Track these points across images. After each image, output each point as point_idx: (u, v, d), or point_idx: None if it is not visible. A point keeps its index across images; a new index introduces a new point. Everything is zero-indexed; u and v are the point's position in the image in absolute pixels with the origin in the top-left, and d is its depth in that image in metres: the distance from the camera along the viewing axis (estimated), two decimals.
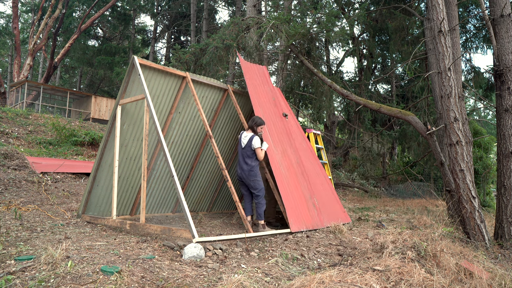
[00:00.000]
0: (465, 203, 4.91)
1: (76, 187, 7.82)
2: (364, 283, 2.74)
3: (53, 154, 11.29)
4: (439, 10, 5.17)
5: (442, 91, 5.10)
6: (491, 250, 4.59)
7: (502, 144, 5.25)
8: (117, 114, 5.11)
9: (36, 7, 26.96)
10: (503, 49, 5.34)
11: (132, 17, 27.49)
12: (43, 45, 22.84)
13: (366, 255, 3.71)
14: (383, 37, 15.16)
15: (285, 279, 3.16)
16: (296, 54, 9.74)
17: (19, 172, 7.48)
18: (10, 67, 31.40)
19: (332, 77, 11.60)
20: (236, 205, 4.89)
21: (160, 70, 5.27)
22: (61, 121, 14.85)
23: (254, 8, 13.13)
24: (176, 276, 2.95)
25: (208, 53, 9.49)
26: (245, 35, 10.17)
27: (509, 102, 5.23)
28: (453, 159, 4.99)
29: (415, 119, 5.84)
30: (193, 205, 7.16)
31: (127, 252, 3.49)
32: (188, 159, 6.48)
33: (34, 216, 5.19)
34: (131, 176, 5.72)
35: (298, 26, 9.19)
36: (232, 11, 25.27)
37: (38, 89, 21.25)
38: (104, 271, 2.75)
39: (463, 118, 5.41)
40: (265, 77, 6.94)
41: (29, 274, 2.68)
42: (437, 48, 5.16)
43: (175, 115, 5.86)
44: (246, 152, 5.15)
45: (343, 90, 7.75)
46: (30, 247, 3.48)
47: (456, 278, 3.21)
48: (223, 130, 6.77)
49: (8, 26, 31.24)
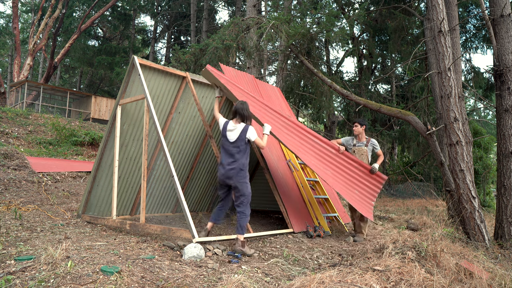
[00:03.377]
0: (465, 203, 4.91)
1: (76, 187, 7.82)
2: (364, 283, 2.74)
3: (53, 154, 11.28)
4: (439, 10, 5.17)
5: (442, 91, 5.10)
6: (491, 250, 4.59)
7: (502, 144, 5.25)
8: (117, 114, 5.11)
9: (36, 7, 26.96)
10: (503, 49, 5.34)
11: (132, 17, 27.50)
12: (43, 45, 22.84)
13: (366, 255, 3.71)
14: (383, 37, 15.16)
15: (285, 279, 3.16)
16: (296, 54, 9.74)
17: (19, 172, 7.48)
18: (10, 67, 31.41)
19: (332, 77, 11.60)
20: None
21: (160, 70, 5.27)
22: (61, 121, 14.85)
23: (254, 8, 13.12)
24: (176, 276, 2.95)
25: (208, 53, 9.48)
26: (245, 35, 10.17)
27: (509, 102, 5.23)
28: (453, 159, 4.99)
29: (415, 119, 5.84)
30: (193, 205, 7.16)
31: (127, 252, 3.49)
32: (188, 159, 6.48)
33: (34, 216, 5.19)
34: (131, 176, 5.72)
35: (298, 26, 9.19)
36: (232, 11, 25.27)
37: (38, 89, 21.25)
38: (104, 271, 2.75)
39: (463, 118, 5.41)
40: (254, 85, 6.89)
41: (29, 274, 2.68)
42: (437, 48, 5.16)
43: (175, 115, 5.86)
44: (237, 146, 4.11)
45: (343, 90, 7.75)
46: (30, 247, 3.48)
47: (456, 278, 3.21)
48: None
49: (8, 26, 31.25)
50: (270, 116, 5.16)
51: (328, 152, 5.23)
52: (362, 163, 5.23)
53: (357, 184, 5.14)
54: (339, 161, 5.22)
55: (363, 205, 4.93)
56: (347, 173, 5.17)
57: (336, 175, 5.09)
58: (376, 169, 5.19)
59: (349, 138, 5.70)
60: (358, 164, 5.22)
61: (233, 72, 6.60)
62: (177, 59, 10.21)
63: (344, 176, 5.14)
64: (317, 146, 5.23)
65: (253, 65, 12.28)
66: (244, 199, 4.06)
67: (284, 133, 5.09)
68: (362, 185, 5.16)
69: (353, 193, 5.01)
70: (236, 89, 5.15)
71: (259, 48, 11.28)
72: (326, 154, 5.22)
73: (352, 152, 5.55)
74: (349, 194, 4.94)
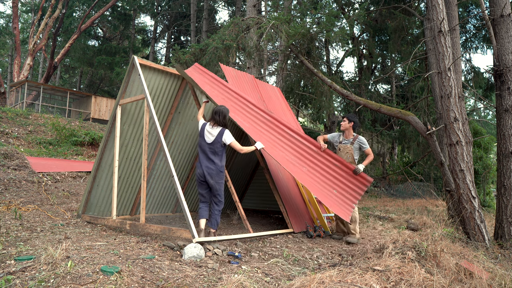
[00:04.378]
0: (465, 203, 4.91)
1: (76, 187, 7.82)
2: (364, 283, 2.74)
3: (53, 154, 11.28)
4: (439, 10, 5.17)
5: (442, 91, 5.10)
6: (491, 250, 4.59)
7: (502, 144, 5.25)
8: (117, 114, 5.11)
9: (36, 7, 26.96)
10: (503, 49, 5.34)
11: (132, 17, 27.50)
12: (43, 45, 22.84)
13: (366, 255, 3.71)
14: (382, 37, 15.16)
15: (285, 279, 3.16)
16: (296, 54, 9.74)
17: (19, 172, 7.48)
18: (10, 67, 31.40)
19: (332, 77, 11.60)
20: (236, 205, 4.89)
21: (160, 70, 5.28)
22: (61, 121, 14.85)
23: (254, 8, 13.13)
24: (176, 276, 2.95)
25: (208, 53, 9.48)
26: (245, 35, 10.17)
27: (509, 102, 5.23)
28: (453, 159, 4.99)
29: (415, 119, 5.84)
30: (193, 205, 7.16)
31: (127, 252, 3.49)
32: (188, 159, 6.48)
33: (34, 216, 5.19)
34: (131, 176, 5.72)
35: (298, 26, 9.18)
36: (232, 11, 25.27)
37: (38, 89, 21.25)
38: (104, 271, 2.75)
39: (463, 118, 5.41)
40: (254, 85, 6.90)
41: (29, 274, 2.68)
42: (437, 48, 5.16)
43: (175, 115, 5.86)
44: (213, 148, 4.41)
45: (343, 90, 7.75)
46: (30, 247, 3.48)
47: (456, 278, 3.21)
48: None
49: (8, 26, 31.24)
50: (248, 115, 5.30)
51: (308, 149, 5.16)
52: (346, 163, 5.06)
53: (337, 184, 4.98)
54: (320, 159, 5.11)
55: (340, 205, 4.79)
56: (327, 172, 5.04)
57: (313, 172, 5.00)
58: (360, 170, 5.00)
59: (336, 135, 5.49)
60: (341, 164, 5.06)
61: (233, 72, 6.60)
62: (177, 59, 10.21)
63: (323, 174, 5.02)
64: (296, 142, 5.19)
65: (253, 65, 12.28)
66: (220, 198, 4.46)
67: (261, 129, 5.19)
68: (343, 185, 4.98)
69: (331, 192, 4.87)
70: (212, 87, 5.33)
71: (259, 48, 11.27)
72: (305, 150, 5.15)
73: (337, 150, 5.39)
74: (323, 192, 4.81)
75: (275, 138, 5.20)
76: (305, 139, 5.21)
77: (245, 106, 5.40)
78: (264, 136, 5.14)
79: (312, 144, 5.18)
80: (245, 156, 7.34)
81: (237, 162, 7.39)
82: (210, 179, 4.36)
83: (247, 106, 5.40)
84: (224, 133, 4.43)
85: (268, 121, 5.30)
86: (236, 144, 4.47)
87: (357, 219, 5.21)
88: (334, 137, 5.48)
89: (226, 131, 4.45)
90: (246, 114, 5.33)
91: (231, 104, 5.35)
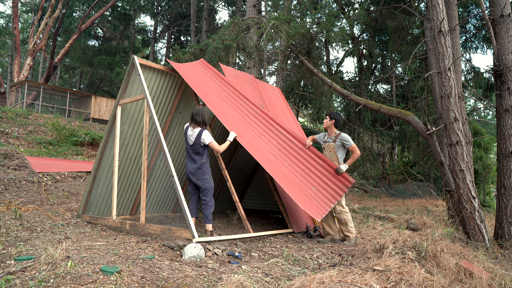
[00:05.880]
0: (465, 203, 4.91)
1: (76, 187, 7.82)
2: (364, 283, 2.74)
3: (53, 154, 11.28)
4: (439, 10, 5.17)
5: (442, 91, 5.10)
6: (491, 250, 4.59)
7: (502, 144, 5.25)
8: (117, 114, 5.11)
9: (36, 7, 26.96)
10: (503, 49, 5.34)
11: (132, 17, 27.50)
12: (43, 45, 22.84)
13: (366, 255, 3.71)
14: (382, 37, 15.16)
15: (285, 279, 3.16)
16: (296, 54, 9.74)
17: (19, 172, 7.48)
18: (10, 67, 31.40)
19: (332, 77, 11.60)
20: (236, 205, 4.89)
21: (160, 70, 5.28)
22: (61, 121, 14.85)
23: (254, 8, 13.13)
24: (176, 276, 2.95)
25: (208, 53, 9.48)
26: (245, 35, 10.17)
27: (509, 102, 5.22)
28: (453, 159, 4.99)
29: (415, 119, 5.84)
30: None
31: (127, 252, 3.49)
32: None
33: (34, 216, 5.19)
34: (131, 176, 5.72)
35: (298, 26, 9.19)
36: (232, 11, 25.28)
37: (38, 89, 21.25)
38: (104, 271, 2.75)
39: (463, 118, 5.40)
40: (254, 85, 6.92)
41: (29, 274, 2.68)
42: (437, 48, 5.16)
43: (175, 115, 5.87)
44: (195, 149, 4.55)
45: (343, 90, 7.75)
46: (30, 247, 3.48)
47: (456, 278, 3.21)
48: (223, 130, 6.77)
49: (8, 26, 31.24)
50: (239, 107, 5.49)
51: (293, 144, 5.18)
52: (329, 162, 5.00)
53: (318, 182, 4.92)
54: (303, 155, 5.10)
55: (316, 202, 4.71)
56: (308, 169, 5.01)
57: (294, 167, 4.99)
58: (342, 170, 4.90)
59: (322, 134, 5.41)
60: (324, 162, 5.02)
61: (233, 72, 6.60)
62: (177, 59, 10.21)
63: (304, 170, 4.99)
64: (281, 136, 5.26)
65: (253, 65, 12.29)
66: (207, 192, 4.53)
67: (249, 120, 5.34)
68: (323, 183, 4.92)
69: (309, 189, 4.81)
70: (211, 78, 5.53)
71: (259, 48, 11.28)
72: (289, 146, 5.18)
73: (323, 149, 5.30)
74: (299, 187, 4.76)
75: (261, 130, 5.31)
76: (291, 135, 5.26)
77: (238, 99, 5.61)
78: (250, 127, 5.27)
79: (297, 140, 5.21)
80: (245, 156, 7.34)
81: (237, 162, 7.39)
82: (192, 177, 4.55)
83: (239, 99, 5.59)
84: (202, 134, 4.51)
85: (257, 114, 5.47)
86: (214, 144, 4.56)
87: (347, 220, 5.00)
88: (320, 137, 5.41)
89: (204, 132, 4.53)
90: (238, 106, 5.53)
91: (225, 96, 5.54)
